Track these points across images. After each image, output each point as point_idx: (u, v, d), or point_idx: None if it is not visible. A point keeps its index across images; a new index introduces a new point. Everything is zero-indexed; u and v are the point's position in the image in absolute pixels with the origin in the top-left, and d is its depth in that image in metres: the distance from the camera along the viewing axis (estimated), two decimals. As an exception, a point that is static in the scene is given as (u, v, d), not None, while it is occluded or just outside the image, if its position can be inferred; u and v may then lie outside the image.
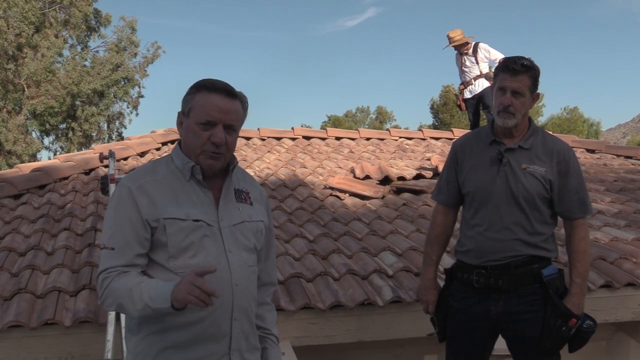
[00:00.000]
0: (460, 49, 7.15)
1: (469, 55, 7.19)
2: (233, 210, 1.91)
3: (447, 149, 2.91)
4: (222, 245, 1.85)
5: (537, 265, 2.54)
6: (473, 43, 7.20)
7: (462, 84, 7.33)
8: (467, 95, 7.22)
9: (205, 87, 1.83)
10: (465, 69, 7.21)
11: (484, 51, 7.14)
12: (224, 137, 1.81)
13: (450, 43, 7.14)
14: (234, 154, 1.96)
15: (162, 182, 1.86)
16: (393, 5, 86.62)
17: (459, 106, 7.42)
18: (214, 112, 1.80)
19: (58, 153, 23.00)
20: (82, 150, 18.24)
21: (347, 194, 5.18)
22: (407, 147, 7.51)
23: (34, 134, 23.19)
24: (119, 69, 23.11)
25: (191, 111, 1.84)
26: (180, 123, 1.90)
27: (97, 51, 24.35)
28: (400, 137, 7.99)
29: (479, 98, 7.08)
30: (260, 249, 2.00)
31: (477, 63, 7.16)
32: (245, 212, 1.93)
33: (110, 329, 2.81)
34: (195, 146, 1.84)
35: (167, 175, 1.88)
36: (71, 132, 22.81)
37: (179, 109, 1.91)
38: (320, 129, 9.33)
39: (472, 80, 7.15)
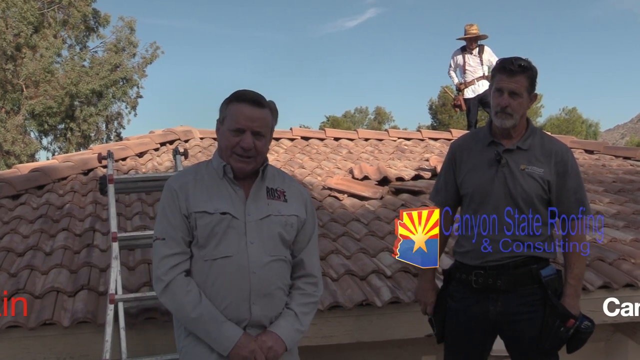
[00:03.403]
0: (471, 45, 7.13)
1: (474, 55, 7.17)
2: (262, 206, 2.13)
3: (446, 149, 2.91)
4: (244, 237, 2.08)
5: (536, 266, 2.55)
6: (479, 43, 7.20)
7: (462, 83, 7.31)
8: (470, 94, 7.20)
9: (237, 98, 2.11)
10: (468, 68, 7.19)
11: (488, 55, 7.14)
12: (252, 142, 2.07)
13: (465, 34, 7.12)
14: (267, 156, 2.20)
15: (200, 181, 2.14)
16: (393, 6, 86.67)
17: (458, 106, 7.39)
18: (242, 120, 2.06)
19: (56, 153, 22.98)
20: (80, 150, 18.20)
21: (345, 195, 5.17)
22: (406, 147, 7.51)
23: (32, 134, 23.21)
24: (118, 69, 23.12)
25: (225, 119, 2.12)
26: (217, 129, 2.18)
27: (95, 51, 24.39)
28: (399, 138, 7.99)
29: (481, 99, 7.09)
30: (296, 242, 2.21)
31: (482, 64, 7.15)
32: (275, 207, 2.15)
33: (109, 329, 2.80)
34: (226, 149, 2.11)
35: (206, 175, 2.16)
36: (70, 133, 22.80)
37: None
38: (319, 129, 9.33)
39: (475, 81, 7.14)
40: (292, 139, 7.54)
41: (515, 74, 2.47)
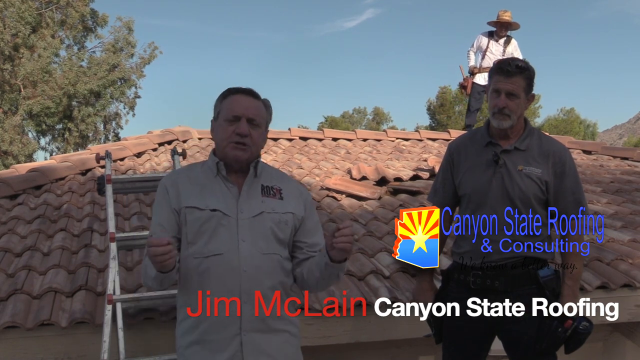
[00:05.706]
0: (501, 32, 7.03)
1: (499, 44, 7.08)
2: (255, 203, 2.12)
3: (444, 150, 2.93)
4: (235, 235, 2.06)
5: (534, 267, 2.55)
6: (508, 34, 7.10)
7: (476, 67, 7.21)
8: (481, 81, 7.12)
9: (230, 92, 2.14)
10: (489, 54, 7.07)
11: (513, 48, 7.04)
12: (248, 128, 2.06)
13: (497, 19, 7.04)
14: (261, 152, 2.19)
15: (193, 178, 2.15)
16: (391, 7, 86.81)
17: (465, 87, 7.32)
18: (237, 108, 2.08)
19: (54, 153, 22.95)
20: (78, 150, 18.22)
21: (343, 195, 5.18)
22: (404, 148, 7.52)
23: (30, 135, 23.16)
24: (116, 69, 23.08)
25: (220, 114, 2.13)
26: (212, 129, 2.19)
27: (93, 52, 24.34)
28: (397, 138, 7.98)
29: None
30: (307, 232, 2.19)
31: (504, 55, 7.06)
32: (269, 205, 2.13)
33: (107, 329, 2.80)
34: (222, 139, 2.10)
35: (200, 173, 2.17)
36: (67, 133, 22.77)
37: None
38: (317, 129, 9.33)
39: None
40: (290, 139, 7.54)
41: (512, 75, 2.47)
